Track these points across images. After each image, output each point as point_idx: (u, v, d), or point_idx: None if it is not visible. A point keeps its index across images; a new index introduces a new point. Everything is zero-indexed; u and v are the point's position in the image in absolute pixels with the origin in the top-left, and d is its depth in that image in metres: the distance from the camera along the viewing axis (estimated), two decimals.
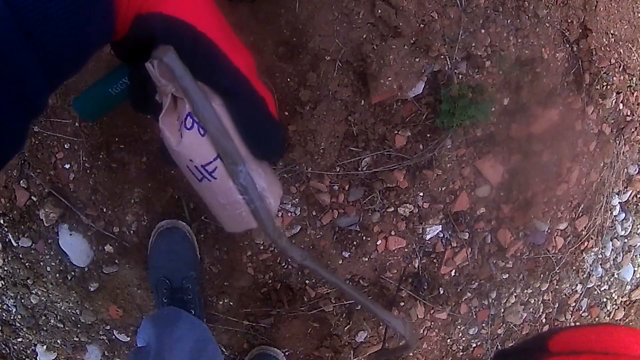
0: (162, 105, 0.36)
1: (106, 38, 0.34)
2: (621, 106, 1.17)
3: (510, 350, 0.43)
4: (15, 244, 1.12)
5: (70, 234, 1.10)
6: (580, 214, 1.24)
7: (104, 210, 1.09)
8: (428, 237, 1.12)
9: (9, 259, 1.14)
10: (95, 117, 0.42)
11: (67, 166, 1.05)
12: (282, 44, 0.94)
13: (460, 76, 0.98)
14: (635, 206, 1.33)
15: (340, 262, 1.11)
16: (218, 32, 0.35)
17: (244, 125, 0.37)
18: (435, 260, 1.16)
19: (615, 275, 1.39)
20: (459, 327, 1.25)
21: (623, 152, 1.22)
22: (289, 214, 1.06)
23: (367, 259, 1.12)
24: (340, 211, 1.06)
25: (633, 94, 1.18)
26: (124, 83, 0.41)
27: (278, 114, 0.39)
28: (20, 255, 1.14)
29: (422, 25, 0.92)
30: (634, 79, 1.17)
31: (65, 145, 1.04)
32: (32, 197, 1.08)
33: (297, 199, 1.05)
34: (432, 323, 1.22)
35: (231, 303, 1.15)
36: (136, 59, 0.37)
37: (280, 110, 0.97)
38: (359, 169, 1.03)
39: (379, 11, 0.91)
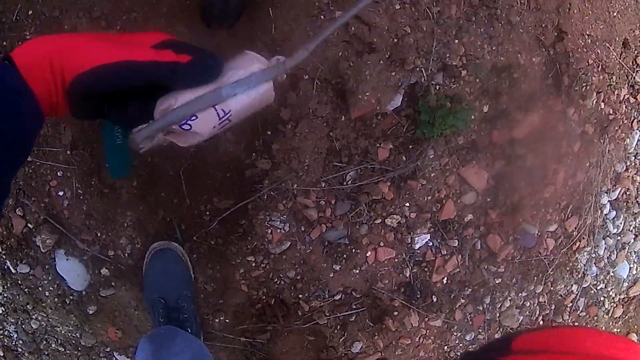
0: (169, 143, 0.50)
1: (40, 123, 0.43)
2: (603, 105, 1.18)
3: (477, 350, 0.45)
4: (13, 271, 1.15)
5: (67, 259, 1.13)
6: (570, 215, 1.24)
7: (99, 234, 1.11)
8: (417, 246, 1.13)
9: (8, 285, 1.17)
10: (129, 166, 0.52)
11: (61, 193, 1.08)
12: None
13: (438, 87, 1.00)
14: (625, 203, 1.33)
15: (331, 275, 1.12)
16: (116, 50, 0.43)
17: (193, 79, 0.47)
18: (426, 269, 1.17)
19: (611, 273, 1.39)
20: (455, 333, 1.26)
21: (608, 150, 1.23)
22: (278, 231, 1.07)
23: (357, 271, 1.13)
24: (328, 225, 1.08)
25: (614, 92, 1.19)
26: (117, 130, 0.50)
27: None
28: (19, 282, 1.16)
29: (395, 40, 0.95)
30: (614, 77, 1.18)
31: (58, 173, 1.07)
32: (28, 225, 1.11)
33: (285, 216, 1.06)
34: (427, 331, 1.22)
35: (227, 320, 1.17)
36: (102, 110, 0.46)
37: (262, 130, 0.99)
38: (344, 183, 1.05)
39: (353, 29, 0.93)
